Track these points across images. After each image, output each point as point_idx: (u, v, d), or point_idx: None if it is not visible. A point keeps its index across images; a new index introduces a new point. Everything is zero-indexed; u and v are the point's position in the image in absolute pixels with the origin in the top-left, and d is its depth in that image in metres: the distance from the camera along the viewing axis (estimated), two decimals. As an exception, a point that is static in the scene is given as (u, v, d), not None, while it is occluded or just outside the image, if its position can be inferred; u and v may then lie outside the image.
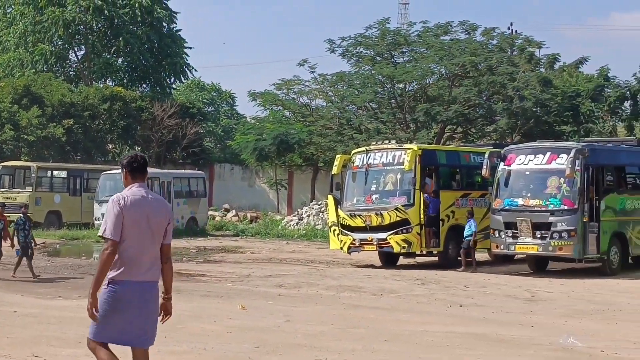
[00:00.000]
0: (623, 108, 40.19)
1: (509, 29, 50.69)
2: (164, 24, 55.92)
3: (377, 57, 41.35)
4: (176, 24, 57.12)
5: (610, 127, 39.40)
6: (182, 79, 59.25)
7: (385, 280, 21.17)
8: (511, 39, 42.92)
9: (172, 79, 58.05)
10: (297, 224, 38.60)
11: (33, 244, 21.21)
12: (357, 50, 41.44)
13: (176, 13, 56.96)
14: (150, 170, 38.52)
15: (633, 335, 13.82)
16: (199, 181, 39.36)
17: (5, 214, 21.91)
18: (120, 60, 56.53)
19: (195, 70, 58.23)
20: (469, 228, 23.53)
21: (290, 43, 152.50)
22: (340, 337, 13.01)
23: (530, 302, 17.93)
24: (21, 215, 21.72)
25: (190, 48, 57.97)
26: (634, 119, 39.47)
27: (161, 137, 47.90)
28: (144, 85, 57.43)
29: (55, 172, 40.09)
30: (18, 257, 20.99)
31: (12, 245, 20.91)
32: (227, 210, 45.43)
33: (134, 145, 51.56)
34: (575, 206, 21.97)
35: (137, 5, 53.02)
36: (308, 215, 38.92)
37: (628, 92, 39.45)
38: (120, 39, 53.53)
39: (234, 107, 71.17)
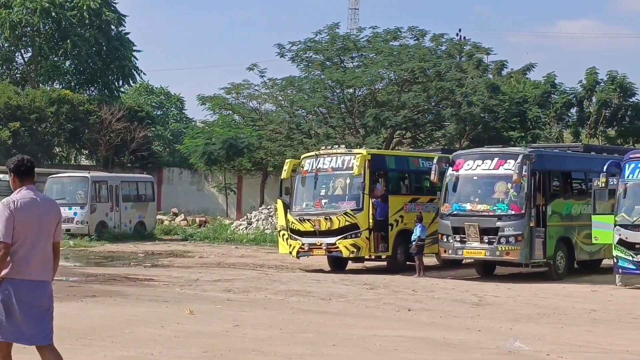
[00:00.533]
0: (569, 114, 40.71)
1: (457, 35, 51.17)
2: (113, 27, 55.43)
3: (327, 62, 41.44)
4: (125, 27, 56.67)
5: (556, 133, 39.87)
6: (131, 82, 58.74)
7: (334, 285, 21.18)
8: (459, 45, 43.28)
9: (121, 82, 57.56)
10: (246, 228, 38.50)
11: None
12: (306, 55, 41.50)
13: (125, 16, 56.50)
14: (98, 174, 38.53)
15: (578, 339, 13.98)
16: (147, 185, 39.09)
17: None
18: (67, 63, 55.90)
19: (144, 73, 57.78)
20: (416, 233, 23.65)
21: (240, 47, 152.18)
22: (288, 341, 12.99)
23: (477, 306, 18.05)
24: None
25: (138, 51, 57.54)
26: (580, 125, 39.99)
27: (109, 141, 47.48)
28: (92, 89, 56.86)
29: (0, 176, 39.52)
30: None
31: None
32: (176, 215, 45.16)
33: (81, 148, 51.06)
34: (522, 211, 22.18)
35: (85, 7, 52.48)
36: (257, 220, 38.85)
37: (574, 99, 39.96)
38: (68, 41, 52.92)
39: (183, 111, 70.73)
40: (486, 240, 22.46)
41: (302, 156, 26.49)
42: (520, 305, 18.29)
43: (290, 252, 25.17)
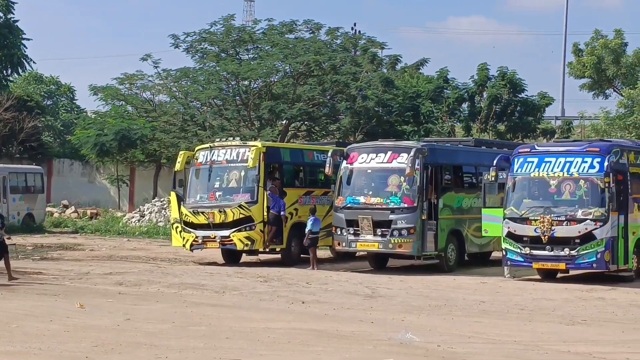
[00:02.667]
0: (461, 109, 41.36)
1: (352, 29, 51.46)
2: (1, 14, 53.94)
3: (222, 54, 41.20)
4: (14, 14, 55.15)
5: (448, 127, 40.48)
6: (20, 71, 57.25)
7: (228, 278, 21.10)
8: (354, 39, 43.56)
9: (9, 71, 56.01)
10: (138, 221, 38.02)
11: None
12: (201, 46, 41.16)
13: (14, 3, 55.00)
14: (-16, 164, 37.35)
15: (468, 330, 14.23)
16: (37, 176, 38.26)
17: None
18: (-47, 50, 54.17)
19: (34, 62, 56.32)
20: (308, 226, 23.70)
21: (133, 37, 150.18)
22: (181, 335, 12.88)
23: (370, 298, 18.21)
24: None
25: (28, 39, 56.10)
26: (471, 120, 40.69)
27: (-4, 131, 46.24)
28: (-22, 77, 55.23)
29: None
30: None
31: None
32: (66, 207, 44.31)
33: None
34: (415, 204, 22.47)
35: (-29, -7, 50.96)
36: (150, 212, 38.40)
37: (466, 94, 40.62)
38: (-47, 28, 51.32)
39: (74, 101, 69.31)
40: (379, 233, 22.67)
41: (196, 148, 26.26)
42: (412, 297, 18.53)
43: (184, 245, 24.95)
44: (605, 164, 20.70)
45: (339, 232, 23.33)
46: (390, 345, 12.57)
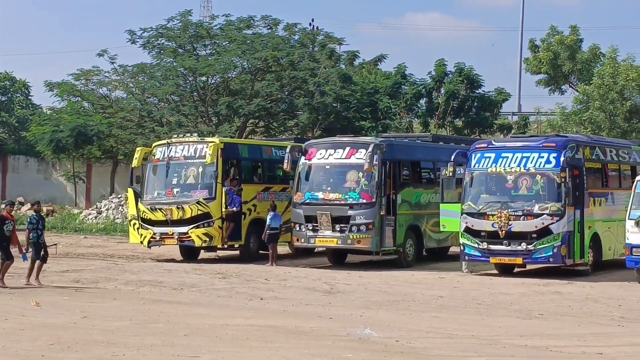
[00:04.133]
0: (419, 105, 41.50)
1: (310, 25, 51.43)
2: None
3: (179, 50, 40.93)
4: (-34, 9, 54.48)
5: (406, 123, 40.61)
6: (-27, 66, 56.54)
7: (186, 275, 21.00)
8: (312, 35, 43.53)
9: (-38, 67, 55.30)
10: (95, 217, 37.73)
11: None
12: (158, 42, 40.87)
13: (-34, -2, 54.35)
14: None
15: (425, 324, 14.29)
16: (-9, 173, 37.78)
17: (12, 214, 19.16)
18: None
19: (-13, 58, 55.61)
20: (268, 221, 23.64)
21: (89, 33, 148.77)
22: (138, 332, 12.79)
23: (329, 294, 18.22)
24: (34, 213, 19.13)
25: (-19, 35, 55.43)
26: (429, 116, 40.85)
27: (-50, 128, 45.64)
28: None
29: None
30: (32, 261, 18.38)
31: (24, 249, 18.35)
32: (22, 204, 43.82)
33: None
34: (373, 200, 22.51)
35: None
36: (107, 209, 38.11)
37: (424, 90, 40.77)
38: None
39: (29, 97, 68.47)
40: (338, 229, 22.70)
41: (153, 144, 26.10)
42: (371, 292, 18.56)
43: (142, 242, 24.80)
44: (562, 159, 20.88)
45: (297, 228, 23.32)
46: (349, 340, 12.58)
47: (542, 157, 21.17)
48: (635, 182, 21.00)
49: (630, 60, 38.19)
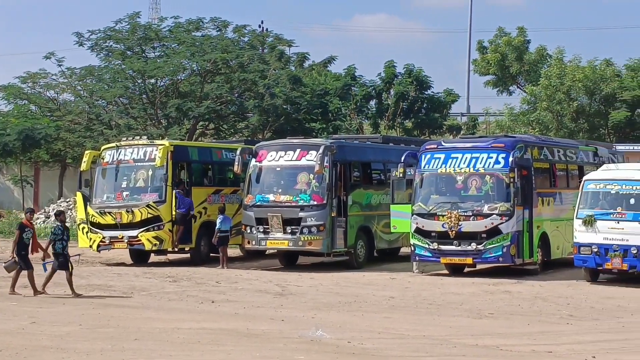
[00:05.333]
0: (369, 106, 41.66)
1: (260, 26, 51.38)
2: None
3: (128, 52, 40.62)
4: None
5: (357, 124, 40.75)
6: None
7: (136, 279, 20.84)
8: (262, 36, 43.47)
9: None
10: (44, 222, 37.28)
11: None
12: (106, 44, 40.52)
13: None
14: None
15: (378, 325, 14.33)
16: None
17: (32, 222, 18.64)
18: None
19: None
20: (219, 224, 23.54)
21: (36, 35, 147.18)
22: (88, 337, 12.66)
23: (280, 296, 18.20)
24: (58, 223, 18.52)
25: None
26: (379, 117, 41.01)
27: None
28: None
29: None
30: (52, 271, 17.87)
31: (45, 257, 17.81)
32: (-32, 209, 43.21)
33: None
34: (324, 201, 22.52)
35: None
36: (56, 213, 37.69)
37: (373, 91, 40.93)
38: None
39: (-25, 101, 67.63)
40: (289, 231, 22.68)
41: (102, 147, 25.88)
42: (322, 294, 18.57)
43: (91, 246, 24.57)
44: (510, 159, 21.06)
45: (248, 231, 23.26)
46: (301, 342, 12.57)
47: (491, 157, 21.35)
48: (582, 182, 21.25)
49: (576, 61, 38.74)
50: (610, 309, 16.94)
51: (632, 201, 20.26)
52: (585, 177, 21.57)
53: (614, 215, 20.22)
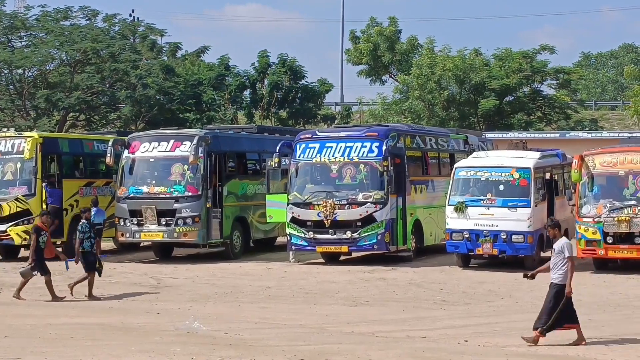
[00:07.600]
0: (243, 96, 41.57)
1: (130, 16, 50.58)
2: None
3: (-7, 41, 39.45)
4: None
5: (231, 115, 40.61)
6: None
7: (5, 274, 20.28)
8: (133, 26, 42.81)
9: None
10: None
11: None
12: (-30, 33, 39.25)
13: None
14: None
15: (255, 316, 14.33)
16: None
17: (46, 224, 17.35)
18: None
19: None
20: (92, 217, 23.06)
21: None
22: (-45, 337, 12.24)
23: (156, 289, 18.01)
24: (84, 220, 17.47)
25: None
26: (254, 107, 40.97)
27: None
28: None
29: None
30: (87, 274, 16.81)
31: (75, 259, 16.94)
32: None
33: None
34: (199, 192, 22.36)
35: None
36: None
37: (247, 81, 40.86)
38: None
39: None
40: (164, 223, 22.44)
41: (-32, 140, 25.00)
42: (199, 285, 18.46)
43: (-43, 242, 23.75)
44: (384, 148, 21.35)
45: (122, 223, 22.92)
46: (177, 335, 12.46)
47: (365, 146, 21.59)
48: (453, 169, 21.70)
49: (446, 51, 39.59)
50: (482, 293, 17.37)
51: (501, 187, 20.82)
52: (456, 165, 22.03)
53: (484, 202, 20.74)
